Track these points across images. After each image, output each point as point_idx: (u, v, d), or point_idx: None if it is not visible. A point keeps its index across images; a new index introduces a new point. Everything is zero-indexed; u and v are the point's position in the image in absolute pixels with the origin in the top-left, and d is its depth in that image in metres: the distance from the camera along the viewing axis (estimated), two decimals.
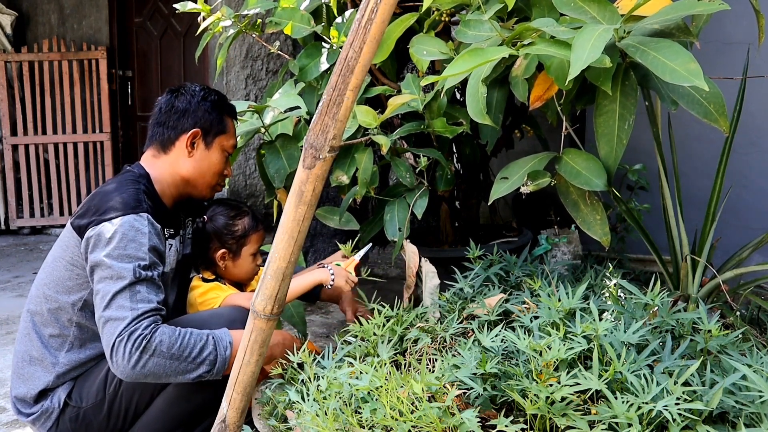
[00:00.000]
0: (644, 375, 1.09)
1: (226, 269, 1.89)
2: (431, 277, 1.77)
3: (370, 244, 1.96)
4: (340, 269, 1.87)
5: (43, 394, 1.67)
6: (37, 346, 1.67)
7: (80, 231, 1.60)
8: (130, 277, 1.52)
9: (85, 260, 1.59)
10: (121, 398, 1.64)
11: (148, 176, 1.72)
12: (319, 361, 1.49)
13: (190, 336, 1.52)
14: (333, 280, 1.84)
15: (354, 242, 2.01)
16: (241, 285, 1.95)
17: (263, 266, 1.85)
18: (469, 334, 1.53)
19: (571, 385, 1.08)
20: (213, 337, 1.56)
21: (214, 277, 1.90)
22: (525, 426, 1.08)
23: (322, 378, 1.30)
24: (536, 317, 1.40)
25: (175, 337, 1.50)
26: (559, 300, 1.38)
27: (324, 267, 1.89)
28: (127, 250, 1.53)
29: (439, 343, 1.51)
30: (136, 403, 1.65)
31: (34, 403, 1.67)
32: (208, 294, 1.84)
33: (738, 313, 1.65)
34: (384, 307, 1.68)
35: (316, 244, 3.60)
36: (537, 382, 1.11)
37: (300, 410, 1.27)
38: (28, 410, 1.67)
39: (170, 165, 1.75)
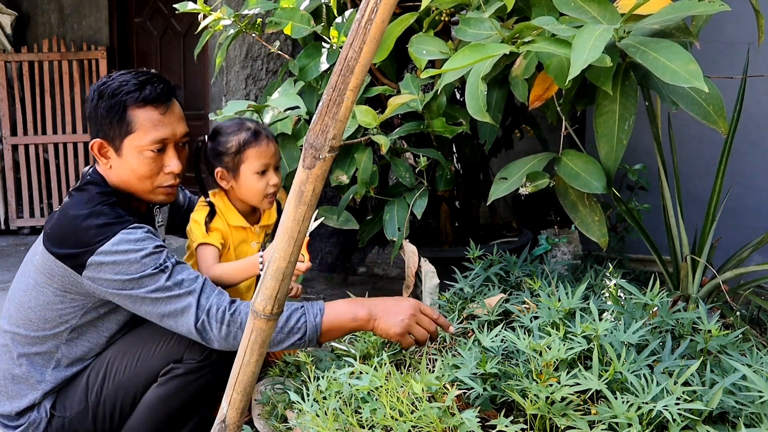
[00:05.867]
0: (644, 375, 1.09)
1: (231, 190, 1.79)
2: (431, 277, 1.77)
3: (322, 218, 1.82)
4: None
5: (28, 408, 1.63)
6: (19, 363, 1.62)
7: (68, 262, 1.51)
8: (160, 274, 1.48)
9: (94, 289, 1.52)
10: (104, 404, 1.61)
11: (106, 183, 1.61)
12: (318, 362, 1.49)
13: None
14: (262, 270, 1.58)
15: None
16: (255, 210, 1.85)
17: (274, 190, 1.75)
18: (469, 334, 1.53)
19: (571, 385, 1.08)
20: (303, 306, 1.49)
21: (209, 204, 1.78)
22: (525, 426, 1.08)
23: (322, 378, 1.30)
24: (536, 317, 1.40)
25: None
26: (559, 300, 1.38)
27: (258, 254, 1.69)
28: (139, 260, 1.49)
29: (439, 343, 1.51)
30: (120, 407, 1.62)
31: (20, 417, 1.63)
32: (192, 231, 1.77)
33: (738, 313, 1.65)
34: None
35: (314, 243, 3.60)
36: (537, 382, 1.11)
37: (300, 410, 1.27)
38: (14, 423, 1.64)
39: (106, 176, 1.62)
